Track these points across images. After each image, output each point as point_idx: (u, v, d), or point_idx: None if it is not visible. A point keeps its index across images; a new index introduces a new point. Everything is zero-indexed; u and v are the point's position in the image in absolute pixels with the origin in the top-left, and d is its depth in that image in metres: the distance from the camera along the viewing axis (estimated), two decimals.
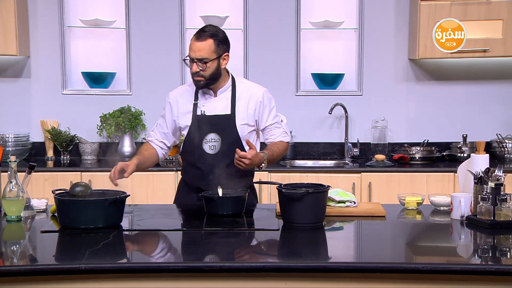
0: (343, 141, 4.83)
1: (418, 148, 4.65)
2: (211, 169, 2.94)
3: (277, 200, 2.66)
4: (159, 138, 3.12)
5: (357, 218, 2.76)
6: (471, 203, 2.68)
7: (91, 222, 2.47)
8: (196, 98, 3.03)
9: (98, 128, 4.69)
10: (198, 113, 3.01)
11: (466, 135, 4.69)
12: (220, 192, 2.79)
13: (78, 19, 4.71)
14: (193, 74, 2.94)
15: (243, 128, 3.01)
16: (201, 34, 2.91)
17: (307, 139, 4.87)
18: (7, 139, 4.54)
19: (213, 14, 4.70)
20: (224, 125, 2.99)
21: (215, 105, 3.02)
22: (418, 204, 2.92)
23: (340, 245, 2.45)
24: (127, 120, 4.60)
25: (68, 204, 2.51)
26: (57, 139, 4.61)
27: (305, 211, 2.54)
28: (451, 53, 4.45)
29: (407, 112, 4.89)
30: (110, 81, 4.78)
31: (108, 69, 4.77)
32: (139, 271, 2.09)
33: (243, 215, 2.75)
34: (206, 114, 3.00)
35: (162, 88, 4.75)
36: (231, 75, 3.08)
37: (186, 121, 3.03)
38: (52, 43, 4.72)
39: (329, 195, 2.74)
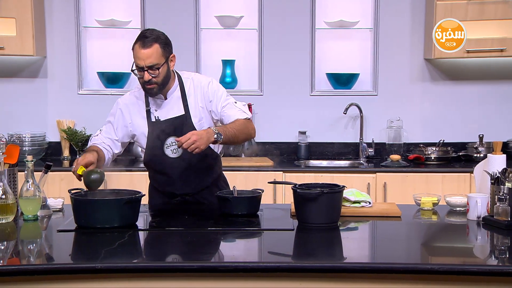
0: (358, 141, 4.81)
1: (434, 148, 4.62)
2: (178, 172, 2.90)
3: (292, 200, 2.66)
4: (106, 142, 2.98)
5: (372, 218, 2.75)
6: (488, 203, 2.66)
7: (107, 222, 2.48)
8: (147, 104, 2.94)
9: None
10: (153, 119, 2.93)
11: (483, 135, 4.66)
12: (235, 192, 2.79)
13: (94, 20, 4.74)
14: (145, 83, 2.83)
15: (201, 125, 2.93)
16: (145, 41, 2.81)
17: (321, 139, 4.86)
18: (24, 138, 4.58)
19: (228, 14, 4.71)
20: (181, 126, 2.91)
21: (167, 108, 2.94)
22: (434, 204, 2.90)
23: (355, 246, 2.44)
24: None
25: (84, 204, 2.53)
26: (73, 139, 4.64)
27: (320, 211, 2.54)
28: (467, 52, 4.42)
29: (422, 112, 4.86)
30: (125, 81, 4.80)
31: (123, 69, 4.79)
32: (154, 270, 2.09)
33: (257, 215, 2.75)
34: (161, 120, 2.93)
35: None
36: (176, 72, 3.00)
37: (141, 128, 2.95)
38: (68, 44, 4.75)
39: (344, 195, 2.73)
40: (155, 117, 2.94)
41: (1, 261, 2.16)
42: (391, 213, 2.77)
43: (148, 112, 2.95)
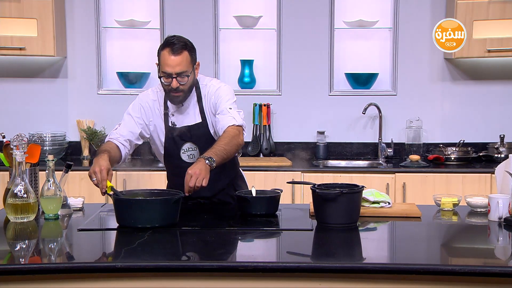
0: (377, 141, 4.79)
1: (454, 149, 4.58)
2: None
3: (311, 200, 2.65)
4: (125, 136, 2.90)
5: (391, 218, 2.73)
6: (509, 204, 2.63)
7: (147, 222, 2.47)
8: (165, 107, 2.91)
9: None
10: (170, 124, 2.92)
11: (504, 135, 4.61)
12: (254, 192, 2.79)
13: (114, 20, 4.78)
14: (171, 90, 2.79)
15: (217, 131, 2.88)
16: (174, 48, 2.76)
17: (340, 139, 4.85)
18: (44, 138, 4.62)
19: (247, 14, 4.71)
20: (198, 133, 2.89)
21: (184, 114, 2.91)
22: (454, 205, 2.88)
23: (374, 246, 2.43)
24: None
25: (127, 204, 2.53)
26: (93, 139, 4.68)
27: (339, 211, 2.53)
28: (488, 51, 4.39)
29: (442, 112, 4.82)
30: (144, 81, 4.82)
31: (143, 69, 4.82)
32: (173, 270, 2.10)
33: (276, 215, 2.74)
34: (177, 126, 2.91)
35: None
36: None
37: (160, 129, 2.95)
38: (88, 44, 4.79)
39: (363, 195, 2.72)
40: (171, 122, 2.93)
41: (23, 260, 2.19)
42: (411, 214, 2.75)
43: (166, 116, 2.93)
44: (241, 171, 3.18)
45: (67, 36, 4.78)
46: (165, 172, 4.26)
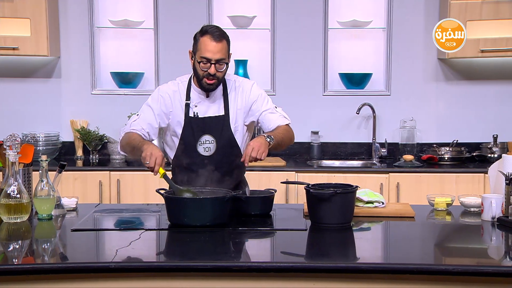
0: (370, 141, 4.80)
1: (447, 149, 4.59)
2: (205, 171, 2.89)
3: (305, 200, 2.65)
4: (144, 127, 2.93)
5: (385, 218, 2.74)
6: (503, 204, 2.64)
7: (199, 220, 2.48)
8: (188, 98, 2.94)
9: None
10: (191, 114, 2.93)
11: (497, 135, 4.63)
12: (248, 192, 2.79)
13: (108, 20, 4.76)
14: (206, 76, 2.84)
15: (236, 127, 2.96)
16: (217, 35, 2.81)
17: (334, 139, 4.85)
18: (38, 138, 4.61)
19: (241, 14, 4.71)
20: (218, 126, 2.92)
21: (208, 105, 2.94)
22: (448, 205, 2.89)
23: (368, 246, 2.43)
24: None
25: (183, 202, 2.54)
26: (86, 139, 4.67)
27: (333, 211, 2.53)
28: (482, 51, 4.40)
29: (436, 112, 4.83)
30: (138, 81, 4.82)
31: (137, 69, 4.81)
32: (167, 270, 2.10)
33: (271, 215, 2.75)
34: (199, 116, 2.93)
35: None
36: None
37: (178, 122, 2.95)
38: (82, 44, 4.77)
39: (357, 195, 2.73)
40: (194, 112, 2.94)
41: (16, 260, 2.18)
42: (405, 214, 2.76)
43: (187, 106, 2.94)
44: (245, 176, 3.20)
45: (61, 36, 4.77)
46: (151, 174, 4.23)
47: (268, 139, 2.75)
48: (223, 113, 2.95)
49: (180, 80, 3.01)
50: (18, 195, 2.58)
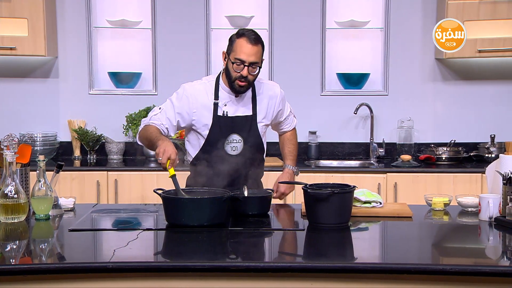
0: (368, 141, 4.80)
1: (445, 149, 4.60)
2: (230, 170, 2.92)
3: (302, 200, 2.65)
4: (164, 123, 2.94)
5: (383, 218, 2.74)
6: (500, 204, 2.64)
7: (196, 220, 2.49)
8: (216, 97, 2.98)
9: (124, 128, 4.73)
10: (220, 113, 2.96)
11: (494, 135, 4.63)
12: (245, 192, 2.79)
13: (105, 20, 4.76)
14: (239, 78, 2.86)
15: (262, 128, 3.04)
16: (253, 39, 2.85)
17: (332, 139, 4.86)
18: (35, 138, 4.60)
19: (239, 14, 4.71)
20: (246, 125, 2.98)
21: (237, 106, 2.98)
22: (445, 205, 2.89)
23: (366, 246, 2.44)
24: None
25: (180, 202, 2.54)
26: (84, 139, 4.66)
27: (331, 211, 2.53)
28: (479, 51, 4.41)
29: (433, 112, 4.84)
30: (136, 81, 4.82)
31: (134, 69, 4.81)
32: (165, 270, 2.10)
33: (268, 214, 2.75)
34: (229, 115, 2.97)
35: None
36: None
37: (205, 120, 2.96)
38: (79, 44, 4.77)
39: (355, 195, 2.73)
40: (223, 111, 2.96)
41: (13, 260, 2.18)
42: (402, 214, 2.76)
43: (216, 106, 2.96)
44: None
45: (58, 36, 4.77)
46: (157, 173, 4.24)
47: (296, 173, 3.21)
48: (251, 113, 2.99)
49: (207, 80, 3.03)
50: (16, 195, 2.58)
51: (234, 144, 2.96)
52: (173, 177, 2.66)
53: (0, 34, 4.43)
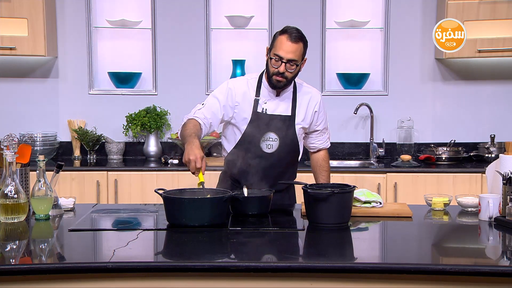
0: (368, 141, 4.80)
1: (445, 149, 4.60)
2: (263, 167, 2.95)
3: (302, 200, 2.65)
4: (208, 117, 2.94)
5: (383, 218, 2.74)
6: (500, 204, 2.64)
7: (196, 220, 2.48)
8: (257, 94, 3.01)
9: (124, 128, 4.73)
10: (259, 110, 2.99)
11: (494, 135, 4.64)
12: (245, 192, 2.79)
13: (105, 20, 4.76)
14: (276, 74, 2.90)
15: (300, 130, 3.06)
16: (294, 36, 2.88)
17: (332, 139, 4.76)
18: (35, 138, 4.60)
19: (238, 14, 4.71)
20: (284, 125, 3.00)
21: (277, 104, 3.01)
22: (445, 205, 2.89)
23: (366, 246, 2.43)
24: (153, 120, 4.63)
25: (181, 203, 2.53)
26: (84, 139, 4.66)
27: (331, 211, 2.53)
28: (479, 51, 4.41)
29: (433, 112, 4.84)
30: (136, 81, 4.82)
31: (134, 69, 4.81)
32: (164, 270, 2.10)
33: (268, 215, 2.75)
34: (268, 113, 2.99)
35: (187, 88, 4.80)
36: None
37: (244, 114, 2.99)
38: (79, 44, 4.77)
39: (355, 195, 2.73)
40: (262, 109, 2.99)
41: (13, 260, 2.18)
42: (402, 214, 2.76)
43: (256, 102, 2.99)
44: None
45: (58, 36, 4.77)
46: (157, 173, 4.25)
47: None
48: (290, 114, 3.01)
49: (249, 77, 3.07)
50: (16, 195, 2.58)
51: (270, 142, 2.99)
52: (202, 184, 2.66)
53: (0, 34, 4.43)
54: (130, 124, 4.69)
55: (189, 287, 2.11)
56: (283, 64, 2.88)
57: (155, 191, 2.64)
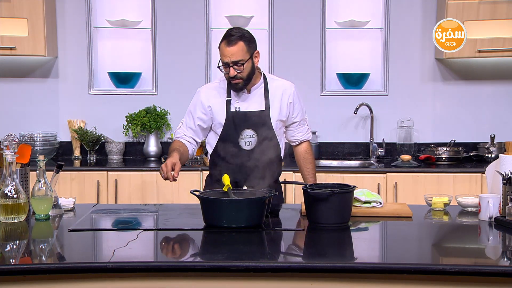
0: (368, 141, 4.80)
1: (445, 149, 4.60)
2: (246, 165, 2.99)
3: (302, 200, 2.65)
4: (188, 134, 3.10)
5: (383, 218, 2.74)
6: (500, 204, 2.64)
7: (234, 221, 2.48)
8: (229, 95, 3.06)
9: (124, 128, 4.73)
10: (232, 109, 3.04)
11: (494, 135, 4.63)
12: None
13: (105, 20, 4.76)
14: (231, 78, 2.97)
15: (277, 124, 3.08)
16: (230, 39, 2.94)
17: (332, 139, 4.86)
18: (35, 138, 4.60)
19: (238, 14, 4.71)
20: (260, 121, 3.04)
21: (249, 101, 3.05)
22: (445, 205, 2.89)
23: (366, 246, 2.43)
24: (153, 120, 4.63)
25: (221, 204, 2.51)
26: (84, 139, 4.66)
27: (331, 211, 2.53)
28: (479, 51, 4.41)
29: (433, 112, 4.84)
30: (136, 81, 4.82)
31: (134, 69, 4.81)
32: (165, 270, 2.10)
33: (268, 215, 2.74)
34: (241, 111, 3.03)
35: (187, 88, 4.78)
36: (262, 72, 3.12)
37: (219, 118, 3.05)
38: (79, 44, 4.77)
39: (355, 195, 2.73)
40: (235, 107, 3.04)
41: (13, 260, 2.18)
42: (402, 214, 2.76)
43: (228, 103, 3.04)
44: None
45: (58, 36, 4.77)
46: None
47: None
48: (264, 108, 3.05)
49: (219, 80, 3.13)
50: (16, 195, 2.58)
51: (248, 139, 3.02)
52: (228, 188, 2.66)
53: (0, 34, 4.43)
54: (130, 124, 4.69)
55: (189, 287, 2.11)
56: (231, 68, 2.94)
57: (191, 192, 2.62)
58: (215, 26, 4.77)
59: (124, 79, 4.76)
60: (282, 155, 3.18)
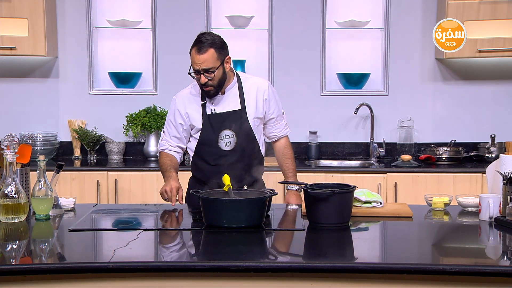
0: (368, 141, 4.80)
1: (445, 149, 4.60)
2: (228, 165, 2.99)
3: (303, 200, 2.65)
4: (173, 144, 3.13)
5: (383, 218, 2.74)
6: (500, 204, 2.64)
7: (234, 221, 2.47)
8: (203, 98, 3.06)
9: (124, 128, 4.73)
10: (208, 112, 3.04)
11: (494, 135, 4.63)
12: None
13: (105, 20, 4.76)
14: (202, 85, 2.97)
15: (254, 122, 3.08)
16: (200, 47, 2.93)
17: (332, 139, 4.86)
18: (35, 138, 4.61)
19: (239, 14, 4.71)
20: (237, 120, 3.04)
21: (225, 102, 3.06)
22: (446, 205, 2.89)
23: (366, 246, 2.44)
24: (153, 120, 4.63)
25: (218, 204, 2.52)
26: (84, 139, 4.66)
27: (331, 211, 2.53)
28: (479, 51, 4.41)
29: (433, 112, 4.84)
30: (136, 81, 4.82)
31: (134, 69, 4.81)
32: (165, 270, 2.10)
33: (268, 215, 2.74)
34: (217, 112, 3.03)
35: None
36: (235, 72, 3.13)
37: (196, 123, 3.06)
38: (79, 44, 4.77)
39: (355, 195, 2.73)
40: (211, 109, 3.04)
41: (14, 260, 2.18)
42: (403, 214, 2.76)
43: (204, 106, 3.05)
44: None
45: (58, 36, 4.77)
46: (157, 173, 4.27)
47: (299, 190, 3.16)
48: (240, 107, 3.05)
49: (193, 84, 3.13)
50: (16, 195, 2.58)
51: (228, 140, 3.03)
52: (229, 189, 2.67)
53: (0, 34, 4.43)
54: (130, 124, 4.69)
55: (189, 287, 2.11)
56: (202, 75, 2.94)
57: (192, 192, 2.62)
58: (216, 26, 4.77)
59: (124, 79, 4.77)
60: (263, 152, 3.18)
